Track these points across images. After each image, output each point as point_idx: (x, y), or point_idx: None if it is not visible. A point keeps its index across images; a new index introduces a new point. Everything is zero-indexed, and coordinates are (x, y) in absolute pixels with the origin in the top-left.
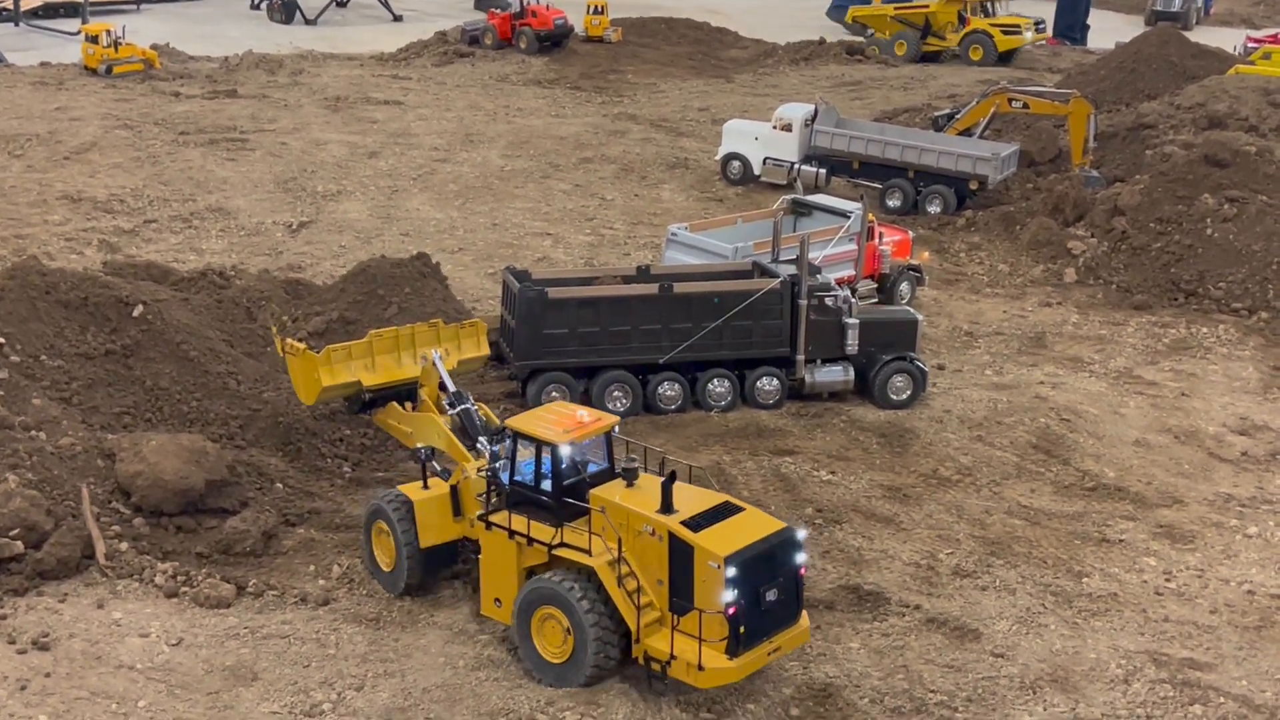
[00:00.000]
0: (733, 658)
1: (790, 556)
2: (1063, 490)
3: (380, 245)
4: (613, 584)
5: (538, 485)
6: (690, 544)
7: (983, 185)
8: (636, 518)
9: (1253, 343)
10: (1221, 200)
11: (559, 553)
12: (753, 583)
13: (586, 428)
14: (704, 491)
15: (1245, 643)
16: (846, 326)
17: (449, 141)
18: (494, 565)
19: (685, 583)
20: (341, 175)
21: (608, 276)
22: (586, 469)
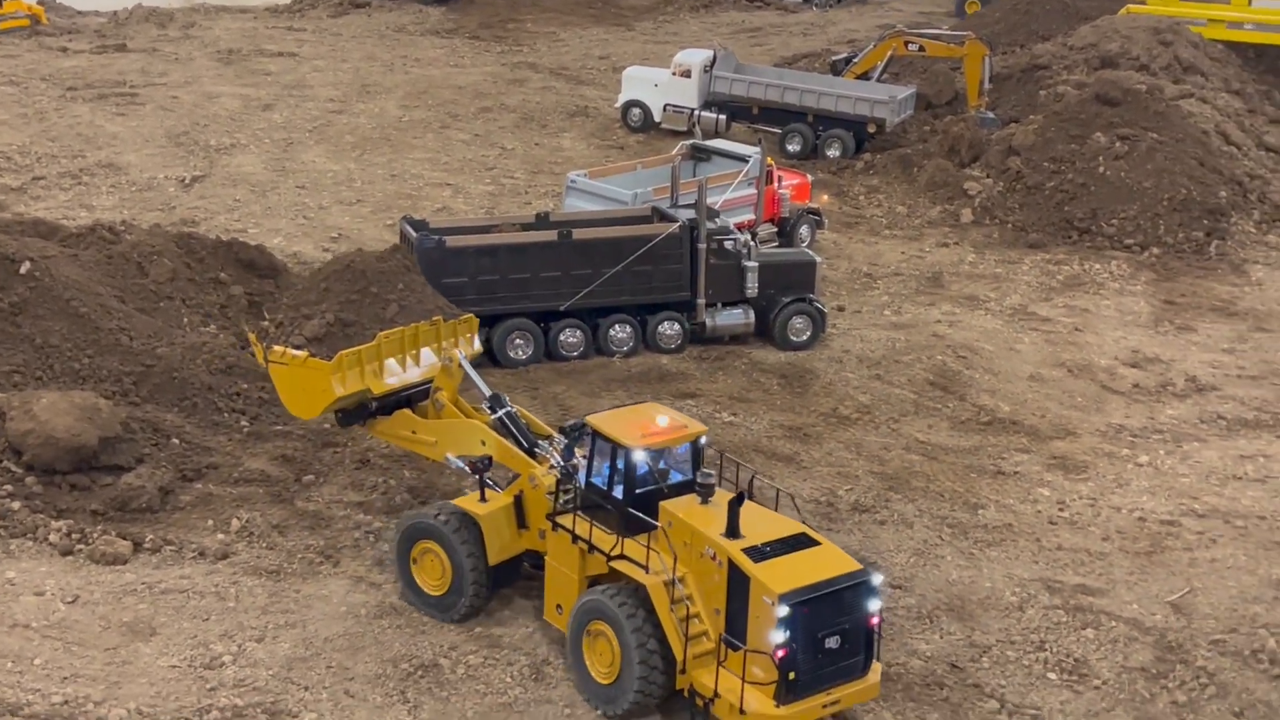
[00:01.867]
0: (780, 705)
1: (861, 602)
2: (959, 425)
3: (276, 198)
4: (664, 606)
5: (609, 490)
6: (748, 575)
7: (880, 128)
8: (700, 538)
9: (1144, 278)
10: (1113, 139)
11: (615, 565)
12: (812, 626)
13: (665, 435)
14: (779, 518)
15: (1136, 568)
16: (746, 270)
17: (345, 93)
18: (557, 570)
19: (741, 616)
20: (235, 129)
21: (507, 224)
22: (667, 479)
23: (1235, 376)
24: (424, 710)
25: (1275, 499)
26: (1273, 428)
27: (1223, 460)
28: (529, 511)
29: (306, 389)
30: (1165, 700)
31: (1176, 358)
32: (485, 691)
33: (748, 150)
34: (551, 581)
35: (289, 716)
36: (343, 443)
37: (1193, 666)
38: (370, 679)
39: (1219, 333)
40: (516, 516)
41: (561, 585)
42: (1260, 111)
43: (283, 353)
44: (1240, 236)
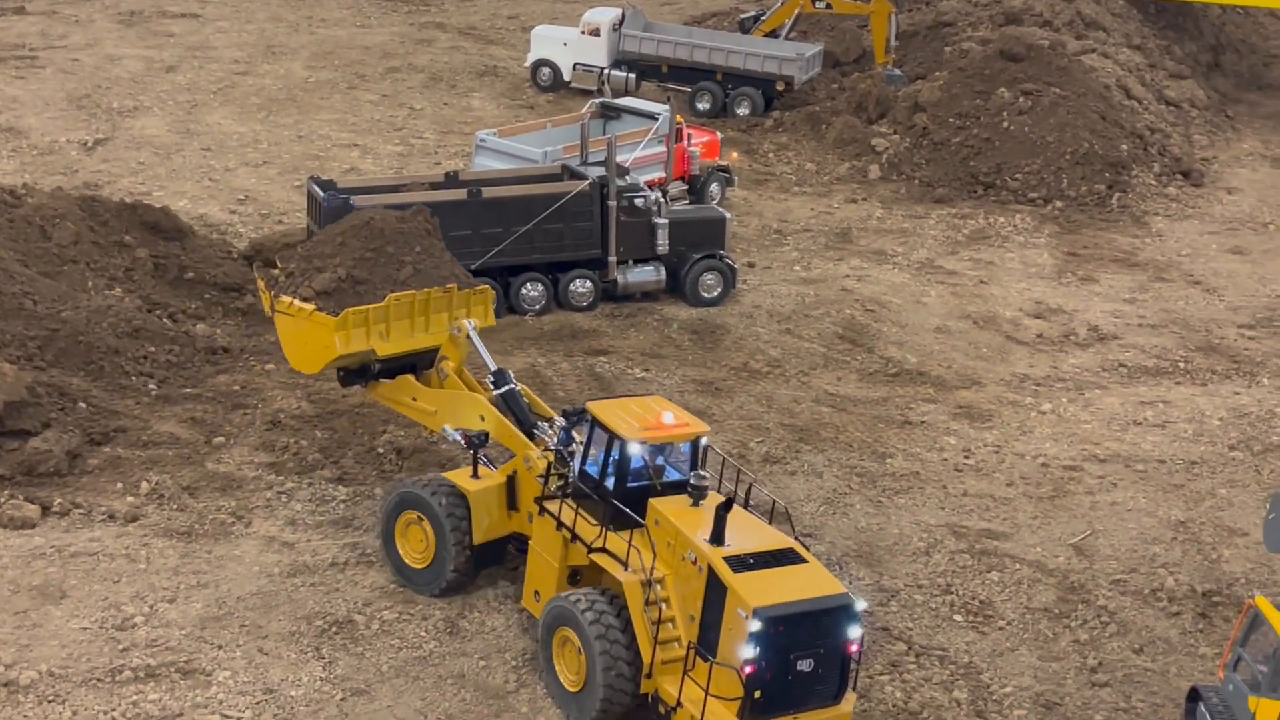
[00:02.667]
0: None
1: (840, 628)
2: (867, 377)
3: (181, 160)
4: (638, 606)
5: (600, 480)
6: (725, 584)
7: (789, 86)
8: (683, 540)
9: (1048, 230)
10: (1017, 94)
11: (595, 557)
12: (784, 646)
13: (666, 430)
14: (769, 530)
15: (1039, 512)
16: (656, 226)
17: (250, 54)
18: (539, 555)
19: (715, 626)
20: (138, 91)
21: (415, 184)
22: (662, 475)
23: (1136, 325)
24: (339, 665)
25: (1174, 443)
26: (1172, 375)
27: (1124, 407)
28: (520, 493)
29: (309, 343)
30: (1068, 639)
31: (1079, 308)
32: (400, 646)
33: (657, 108)
34: (533, 567)
35: (203, 675)
36: (252, 405)
37: (1094, 606)
38: (284, 636)
39: (1120, 283)
40: (508, 497)
41: (542, 572)
42: (1160, 66)
43: (290, 303)
44: (1141, 189)
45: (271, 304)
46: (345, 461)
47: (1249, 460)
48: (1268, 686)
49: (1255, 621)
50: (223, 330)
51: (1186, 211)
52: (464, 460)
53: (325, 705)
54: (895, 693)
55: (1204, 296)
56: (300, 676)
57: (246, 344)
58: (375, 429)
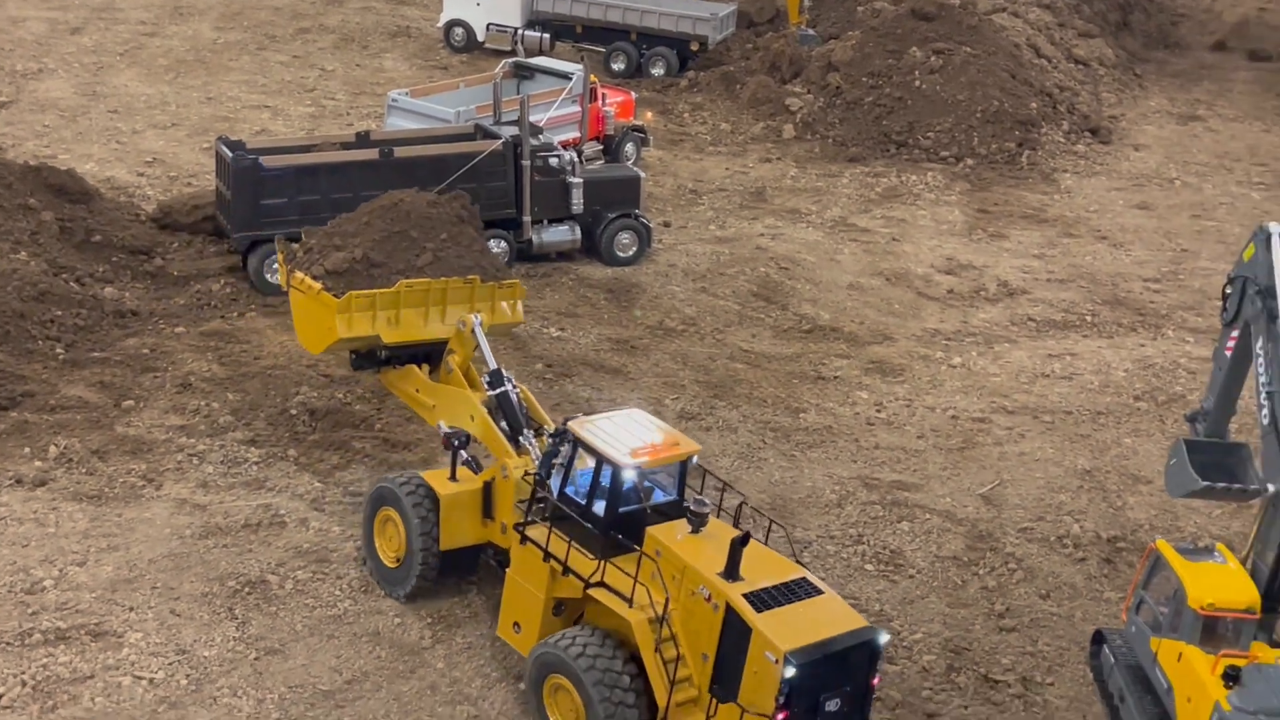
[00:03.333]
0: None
1: (866, 662)
2: (781, 334)
3: (87, 123)
4: (649, 646)
5: (589, 506)
6: (749, 625)
7: (703, 46)
8: (693, 575)
9: (959, 188)
10: (929, 53)
11: (595, 593)
12: (814, 688)
13: (661, 453)
14: (777, 558)
15: (949, 463)
16: (571, 186)
17: (157, 15)
18: (520, 586)
19: (734, 667)
20: (42, 53)
21: (327, 144)
22: (651, 497)
23: (1044, 280)
24: (252, 625)
25: (1081, 395)
26: (1079, 328)
27: (1032, 360)
28: (496, 502)
29: (315, 322)
30: (976, 586)
31: (989, 264)
32: (315, 605)
33: (571, 68)
34: (512, 597)
35: (114, 637)
36: (162, 368)
37: (1002, 553)
38: (197, 598)
39: (1029, 239)
40: (483, 505)
41: (524, 603)
42: (1069, 25)
43: (302, 280)
44: (1050, 147)
45: (287, 278)
46: (257, 424)
47: (1153, 410)
48: (1168, 627)
49: (1156, 565)
50: (131, 293)
51: (1094, 168)
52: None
53: (239, 664)
54: None
55: (1111, 251)
56: (213, 637)
57: (155, 307)
58: (288, 391)
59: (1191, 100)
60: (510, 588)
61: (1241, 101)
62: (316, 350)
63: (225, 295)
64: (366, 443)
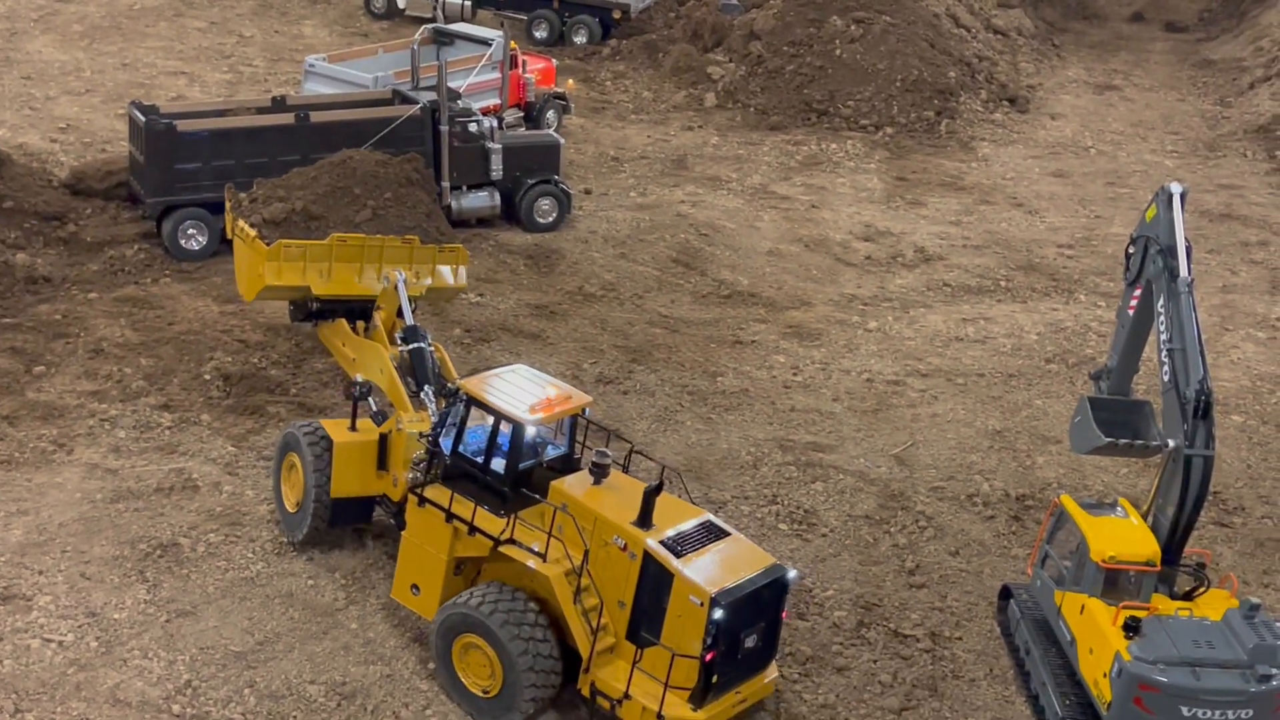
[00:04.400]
0: (698, 708)
1: (777, 599)
2: (700, 300)
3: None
4: (568, 600)
5: (487, 463)
6: (670, 572)
7: (626, 14)
8: (606, 525)
9: (878, 156)
10: (849, 22)
11: (507, 550)
12: (735, 627)
13: (557, 408)
14: (679, 503)
15: (863, 425)
16: (490, 152)
17: None
18: (418, 547)
19: (654, 613)
20: None
21: (242, 108)
22: (545, 452)
23: (960, 247)
24: (164, 588)
25: (994, 358)
26: (993, 293)
27: (946, 324)
28: (391, 455)
29: (248, 269)
30: (888, 544)
31: (907, 230)
32: (227, 568)
33: (490, 34)
34: (408, 559)
35: (23, 600)
36: (75, 334)
37: (913, 512)
38: (107, 561)
39: (947, 206)
40: (379, 457)
41: (423, 565)
42: None
43: (242, 228)
44: (968, 115)
45: (232, 228)
46: (170, 389)
47: (1064, 373)
48: (1071, 580)
49: (1060, 519)
50: (44, 260)
51: (1012, 137)
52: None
53: (150, 627)
54: None
55: (1026, 218)
56: (124, 600)
57: (68, 273)
58: (202, 356)
59: (1108, 70)
60: (407, 550)
61: (1157, 72)
62: (249, 297)
63: (139, 261)
64: (281, 407)
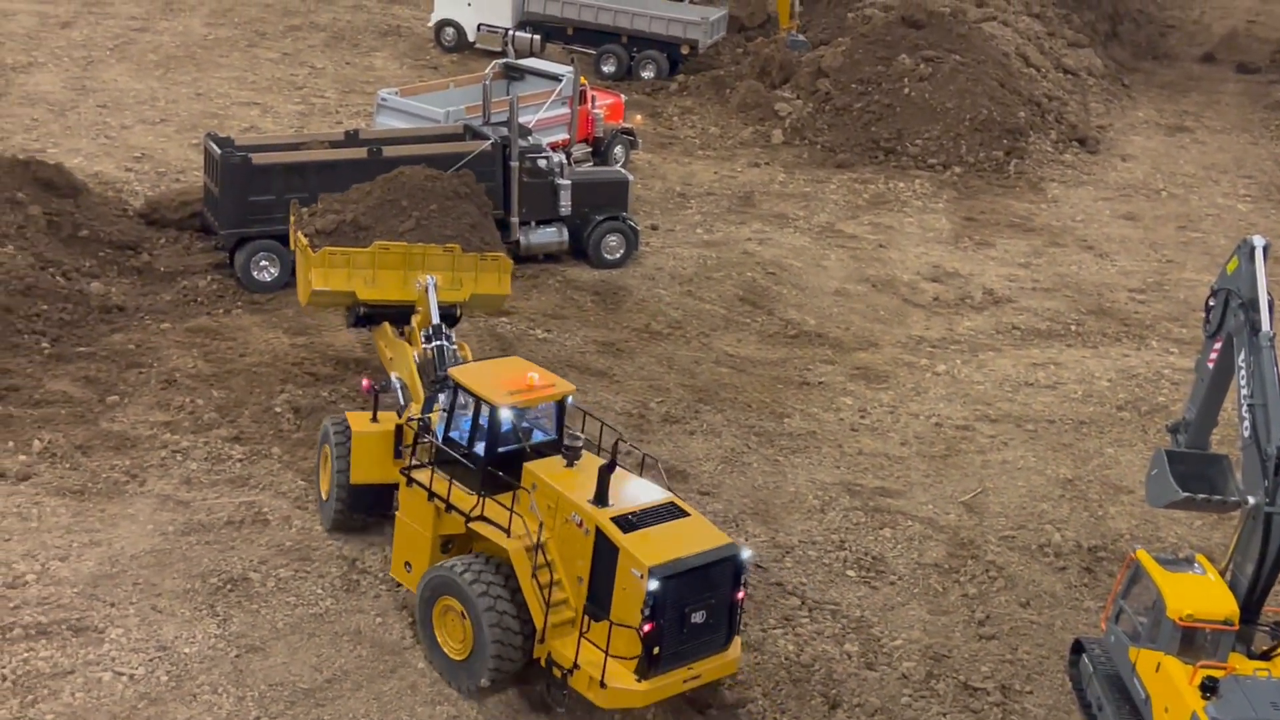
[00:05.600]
0: (641, 680)
1: (728, 577)
2: (767, 339)
3: (76, 117)
4: (526, 573)
5: (470, 446)
6: (616, 545)
7: (694, 50)
8: (566, 503)
9: (946, 196)
10: (918, 61)
11: (475, 526)
12: (679, 601)
13: (535, 393)
14: (647, 485)
15: (932, 470)
16: (559, 188)
17: (147, 10)
18: (409, 526)
19: (605, 586)
20: (32, 46)
21: (315, 142)
22: (530, 437)
23: (1030, 289)
24: (234, 623)
25: (1064, 404)
26: (1063, 337)
27: (1016, 368)
28: (404, 445)
29: (303, 276)
30: (957, 593)
31: (975, 272)
32: (296, 603)
33: (561, 70)
34: (401, 537)
35: (95, 632)
36: (148, 364)
37: (983, 561)
38: (178, 594)
39: (1015, 248)
40: (395, 446)
41: (412, 542)
42: (1059, 34)
43: (298, 238)
44: (1038, 156)
45: (294, 238)
46: (242, 420)
47: (1136, 420)
48: (1147, 637)
49: (1136, 574)
50: (117, 289)
51: (1081, 178)
52: None
53: (220, 662)
54: (788, 646)
55: (1096, 261)
56: (194, 633)
57: (141, 303)
58: (273, 388)
59: (1179, 111)
60: (400, 529)
61: (1229, 113)
62: (303, 302)
63: (211, 291)
64: None
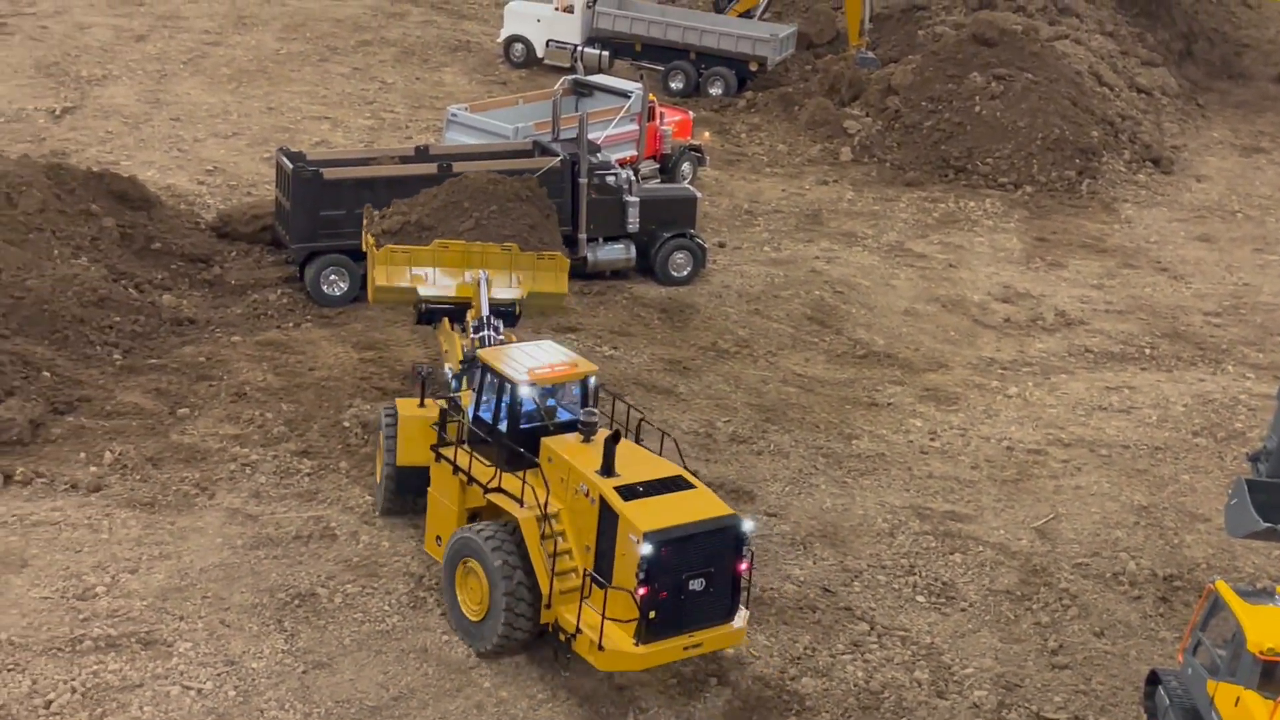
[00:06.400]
0: (639, 644)
1: (729, 547)
2: (835, 358)
3: (150, 130)
4: (534, 540)
5: (495, 424)
6: (616, 512)
7: (762, 66)
8: (575, 474)
9: (1017, 215)
10: (989, 79)
11: (491, 497)
12: (675, 568)
13: (555, 373)
14: (659, 460)
15: (1003, 495)
16: (627, 204)
17: (221, 24)
18: (439, 500)
19: (609, 553)
20: (107, 59)
21: (385, 157)
22: (554, 417)
23: (1103, 311)
24: (301, 638)
25: (1138, 429)
26: (1137, 360)
27: (1089, 392)
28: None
29: (371, 274)
30: (1029, 621)
31: (1047, 293)
32: (363, 620)
33: (629, 86)
34: (432, 512)
35: (164, 646)
36: (218, 376)
37: (1056, 589)
38: (246, 608)
39: (1088, 269)
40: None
41: (442, 517)
42: (1132, 53)
43: (368, 238)
44: (1111, 175)
45: (365, 239)
46: (310, 435)
47: (1212, 446)
48: (1226, 670)
49: (1215, 606)
50: (189, 301)
51: (1155, 199)
52: None
53: (287, 677)
54: (857, 672)
55: (1171, 283)
56: (262, 649)
57: (213, 315)
58: (341, 402)
59: (1255, 132)
60: (431, 504)
61: None
62: (371, 299)
63: (282, 305)
64: None
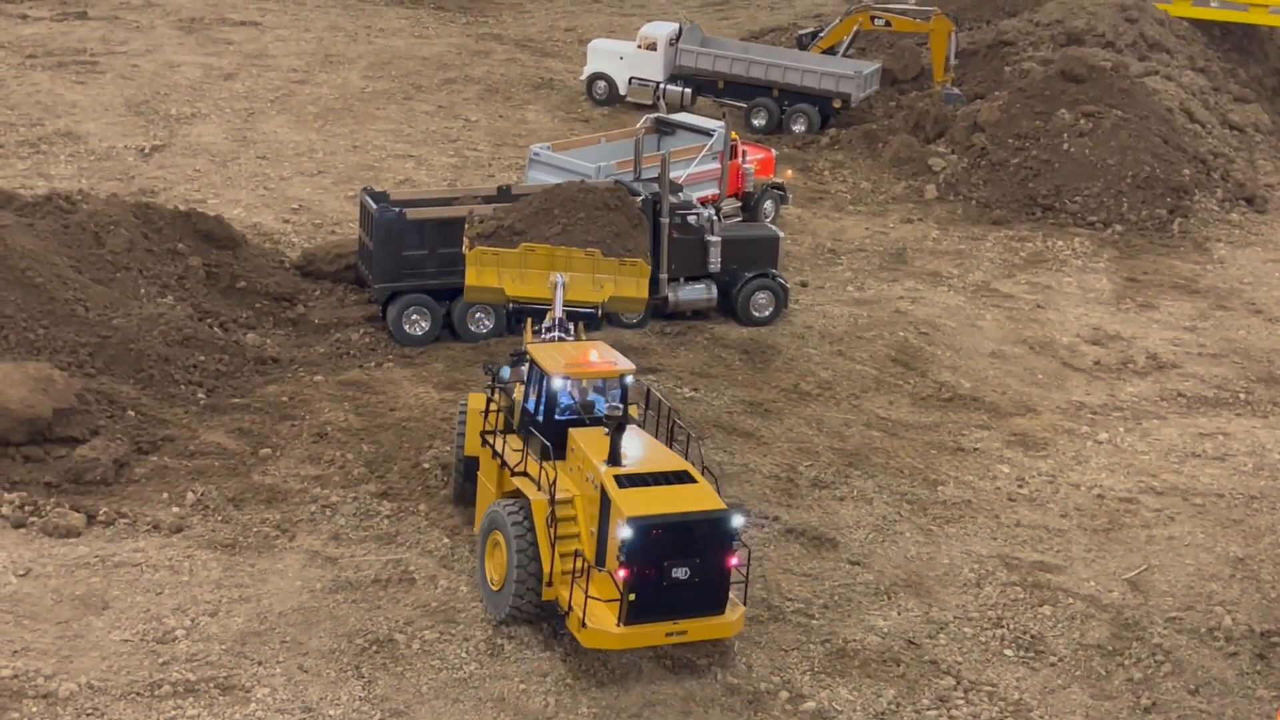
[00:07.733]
0: (620, 625)
1: (716, 540)
2: (920, 402)
3: (237, 168)
4: (541, 522)
5: (535, 413)
6: (610, 498)
7: (846, 103)
8: (588, 464)
9: (1106, 255)
10: (1078, 115)
11: (515, 480)
12: (658, 554)
13: (588, 367)
14: (670, 455)
15: (1094, 545)
16: (709, 244)
17: (308, 63)
18: (485, 484)
19: (605, 538)
20: (196, 98)
21: (468, 197)
22: (592, 411)
23: (1196, 354)
24: (379, 685)
25: (1233, 477)
26: (1232, 406)
27: (1182, 438)
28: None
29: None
30: (1121, 677)
31: (1138, 335)
32: (441, 667)
33: (712, 124)
34: (480, 496)
35: (242, 691)
36: (300, 416)
37: (1149, 644)
38: (325, 654)
39: (1181, 310)
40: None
41: (485, 499)
42: (1224, 89)
43: (465, 241)
44: (1203, 215)
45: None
46: (390, 476)
47: None
48: None
49: None
50: (273, 340)
51: (1249, 238)
52: None
53: None
54: None
55: (1266, 326)
56: (339, 695)
57: (296, 355)
58: (421, 444)
59: None
60: (480, 488)
61: None
62: (466, 298)
63: (364, 345)
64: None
